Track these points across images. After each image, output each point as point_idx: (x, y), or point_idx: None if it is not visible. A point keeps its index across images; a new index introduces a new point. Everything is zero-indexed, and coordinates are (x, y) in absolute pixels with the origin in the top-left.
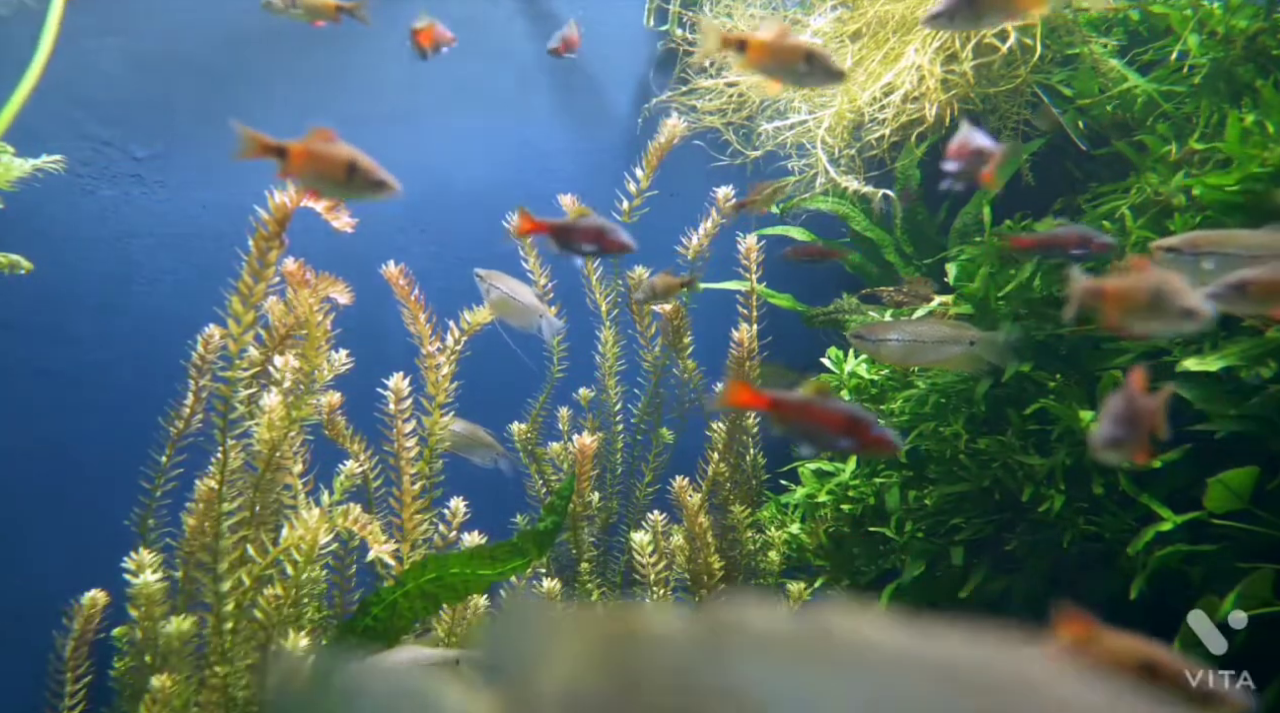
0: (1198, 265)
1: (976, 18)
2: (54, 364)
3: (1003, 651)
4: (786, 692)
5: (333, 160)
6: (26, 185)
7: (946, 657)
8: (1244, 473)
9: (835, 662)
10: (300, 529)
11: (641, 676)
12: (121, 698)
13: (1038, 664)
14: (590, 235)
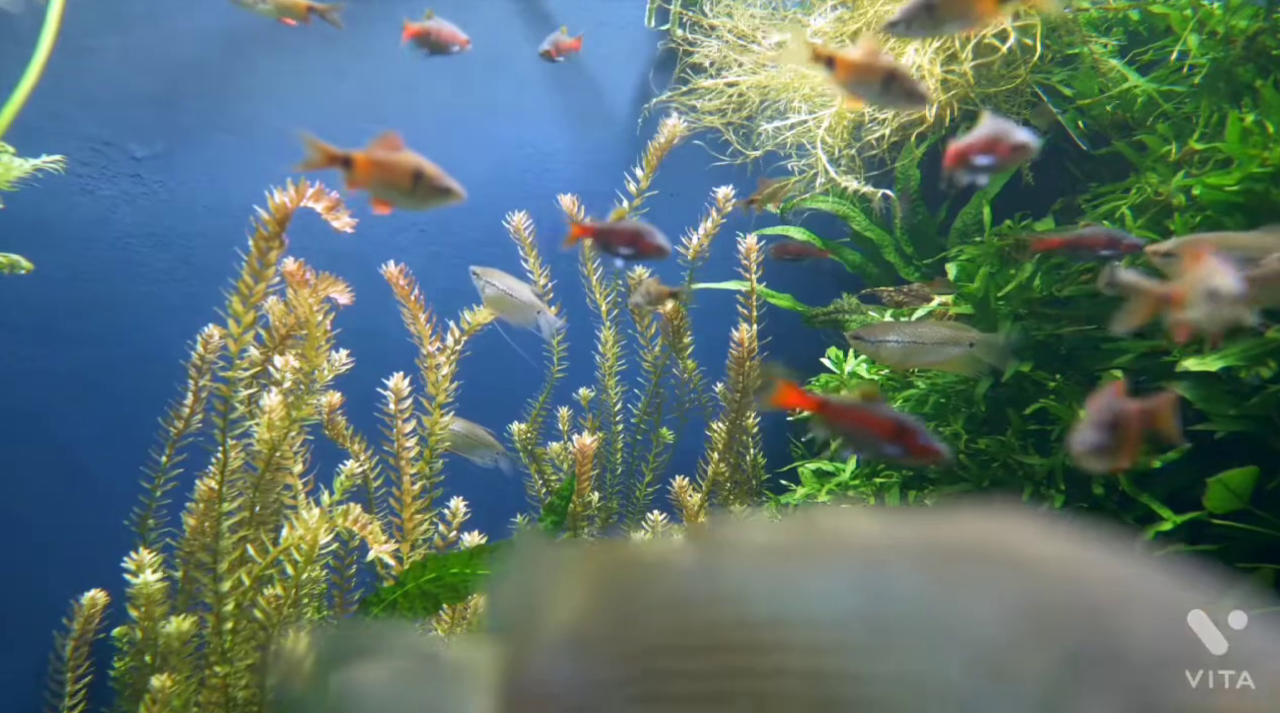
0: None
1: (935, 25)
2: (54, 364)
3: (978, 523)
4: (775, 591)
5: (399, 169)
6: (26, 185)
7: (925, 535)
8: (1244, 473)
9: (820, 555)
10: (300, 529)
11: (641, 604)
12: (121, 698)
13: (1013, 530)
14: (626, 237)
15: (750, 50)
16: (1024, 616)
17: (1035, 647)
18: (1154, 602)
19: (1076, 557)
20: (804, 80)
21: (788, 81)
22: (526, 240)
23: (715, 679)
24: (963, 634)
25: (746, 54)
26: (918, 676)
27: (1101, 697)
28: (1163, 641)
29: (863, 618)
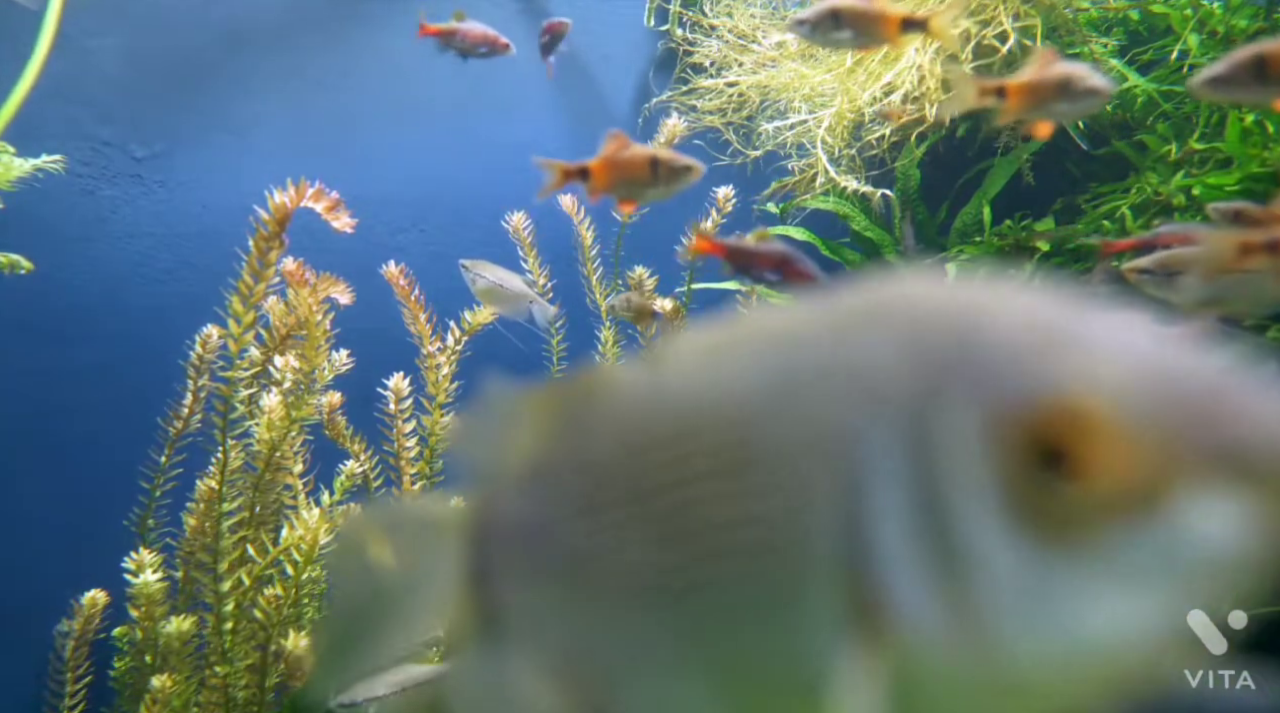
0: (1171, 283)
1: (837, 34)
2: (54, 364)
3: (878, 286)
4: (696, 388)
5: (635, 163)
6: (26, 185)
7: (829, 306)
8: None
9: (741, 346)
10: (300, 529)
11: (588, 424)
12: (121, 698)
13: (908, 286)
14: (773, 261)
15: (750, 50)
16: (899, 347)
17: (906, 372)
18: (1018, 309)
19: (958, 293)
20: (804, 80)
21: (788, 81)
22: (526, 240)
23: (646, 481)
24: (848, 377)
25: (747, 54)
26: (812, 421)
27: (961, 402)
28: (1018, 340)
29: (769, 387)
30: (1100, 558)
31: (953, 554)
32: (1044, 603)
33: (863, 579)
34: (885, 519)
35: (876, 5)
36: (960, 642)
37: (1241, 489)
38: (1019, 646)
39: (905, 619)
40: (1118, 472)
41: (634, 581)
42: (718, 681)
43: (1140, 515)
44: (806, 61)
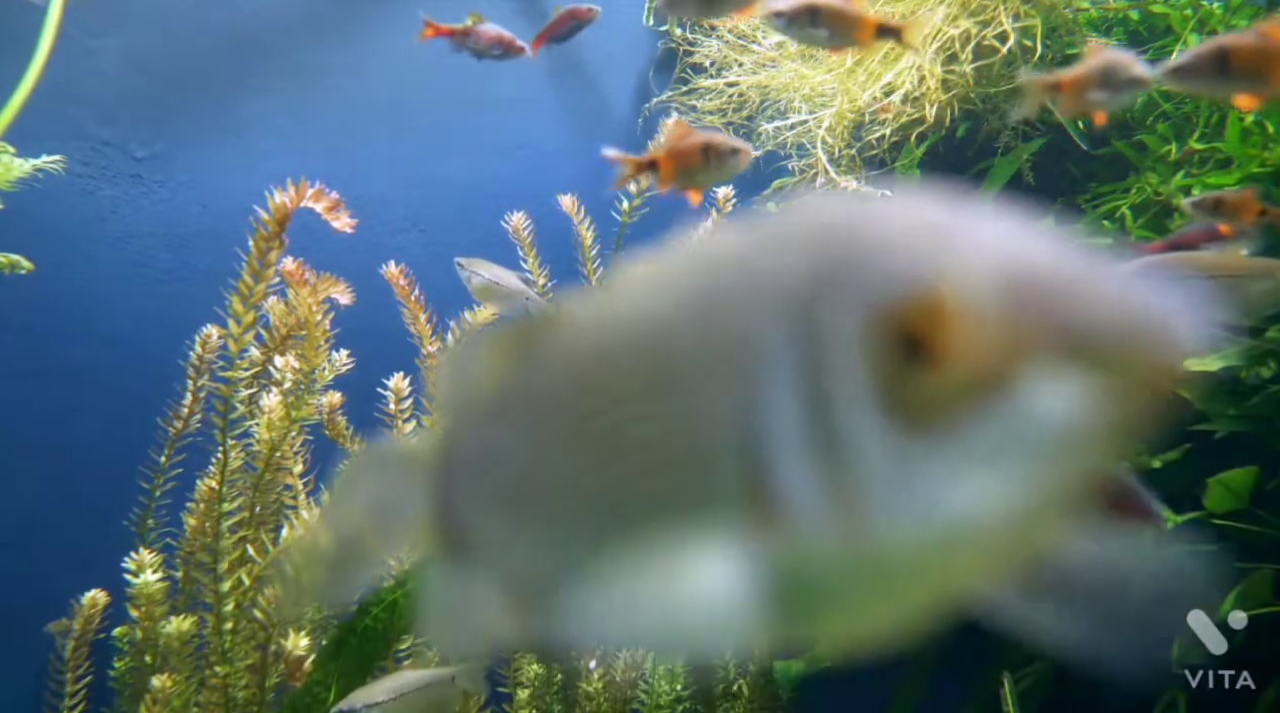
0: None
1: (812, 31)
2: (54, 364)
3: (799, 206)
4: (632, 312)
5: (690, 150)
6: (26, 185)
7: (753, 227)
8: (1244, 473)
9: (672, 271)
10: (300, 529)
11: (543, 358)
12: (121, 698)
13: (825, 202)
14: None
15: (750, 50)
16: (797, 256)
17: (801, 277)
18: (903, 213)
19: (857, 204)
20: (804, 80)
21: (788, 81)
22: (526, 240)
23: (585, 405)
24: (754, 289)
25: (747, 54)
26: (724, 333)
27: (843, 300)
28: (897, 241)
29: (688, 307)
30: (959, 442)
31: (833, 443)
32: (910, 487)
33: (757, 470)
34: (778, 413)
35: (855, 7)
36: (840, 526)
37: (1083, 369)
38: (890, 528)
39: (792, 506)
40: (970, 358)
41: (575, 501)
42: (649, 589)
43: (993, 399)
44: (806, 62)
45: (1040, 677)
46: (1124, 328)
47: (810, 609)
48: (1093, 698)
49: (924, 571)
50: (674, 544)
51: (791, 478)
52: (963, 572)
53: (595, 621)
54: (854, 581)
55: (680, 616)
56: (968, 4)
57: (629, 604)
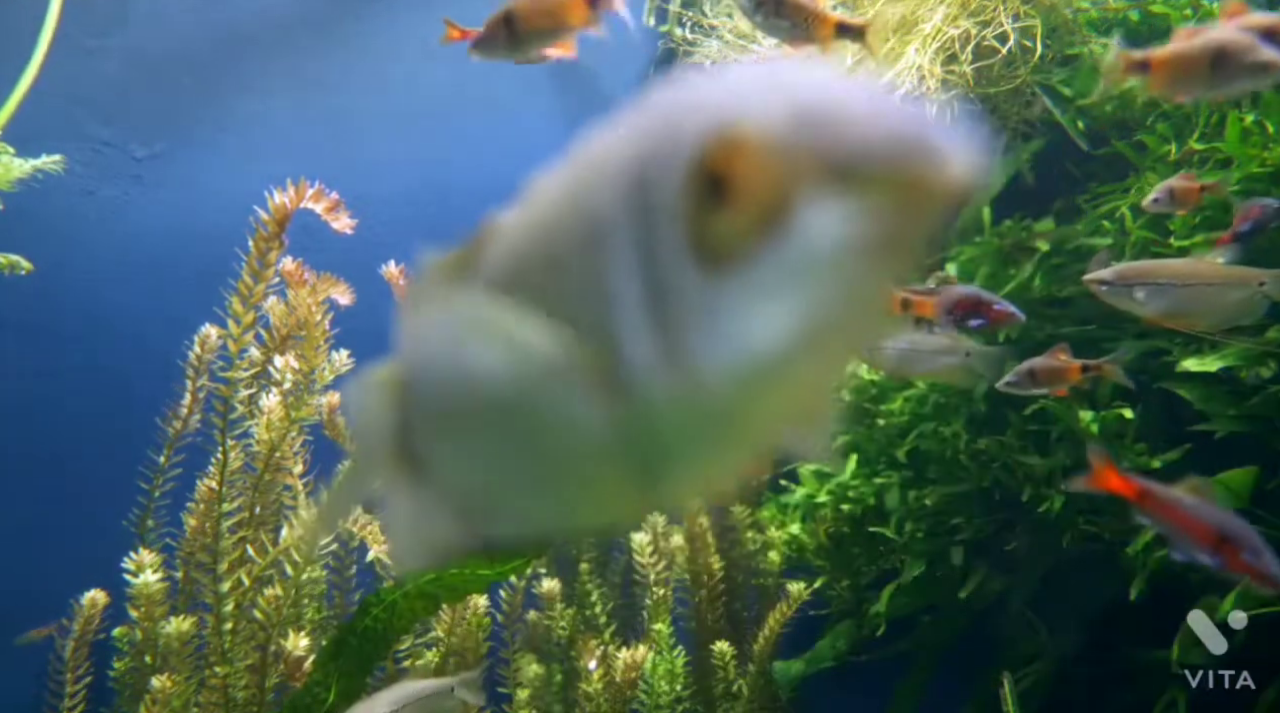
0: (1130, 296)
1: (518, 46)
2: (54, 364)
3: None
4: (530, 217)
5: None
6: (26, 185)
7: (627, 116)
8: (1244, 473)
9: (565, 172)
10: (300, 529)
11: (474, 275)
12: (121, 699)
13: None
14: (968, 305)
15: (750, 50)
16: (644, 129)
17: (642, 147)
18: (731, 72)
19: (703, 76)
20: None
21: None
22: None
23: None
24: (612, 170)
25: (747, 54)
26: (589, 218)
27: (665, 157)
28: (714, 97)
29: (563, 202)
30: (757, 274)
31: (658, 295)
32: (719, 326)
33: (606, 339)
34: (622, 280)
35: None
36: (672, 377)
37: (856, 189)
38: (708, 370)
39: (633, 367)
40: (759, 190)
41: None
42: (545, 471)
43: (781, 228)
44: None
45: (1040, 677)
46: (889, 145)
47: (665, 463)
48: (1093, 698)
49: (748, 407)
50: (562, 423)
51: (630, 335)
52: (783, 403)
53: (515, 515)
54: (698, 436)
55: (569, 489)
56: (968, 4)
57: (533, 491)
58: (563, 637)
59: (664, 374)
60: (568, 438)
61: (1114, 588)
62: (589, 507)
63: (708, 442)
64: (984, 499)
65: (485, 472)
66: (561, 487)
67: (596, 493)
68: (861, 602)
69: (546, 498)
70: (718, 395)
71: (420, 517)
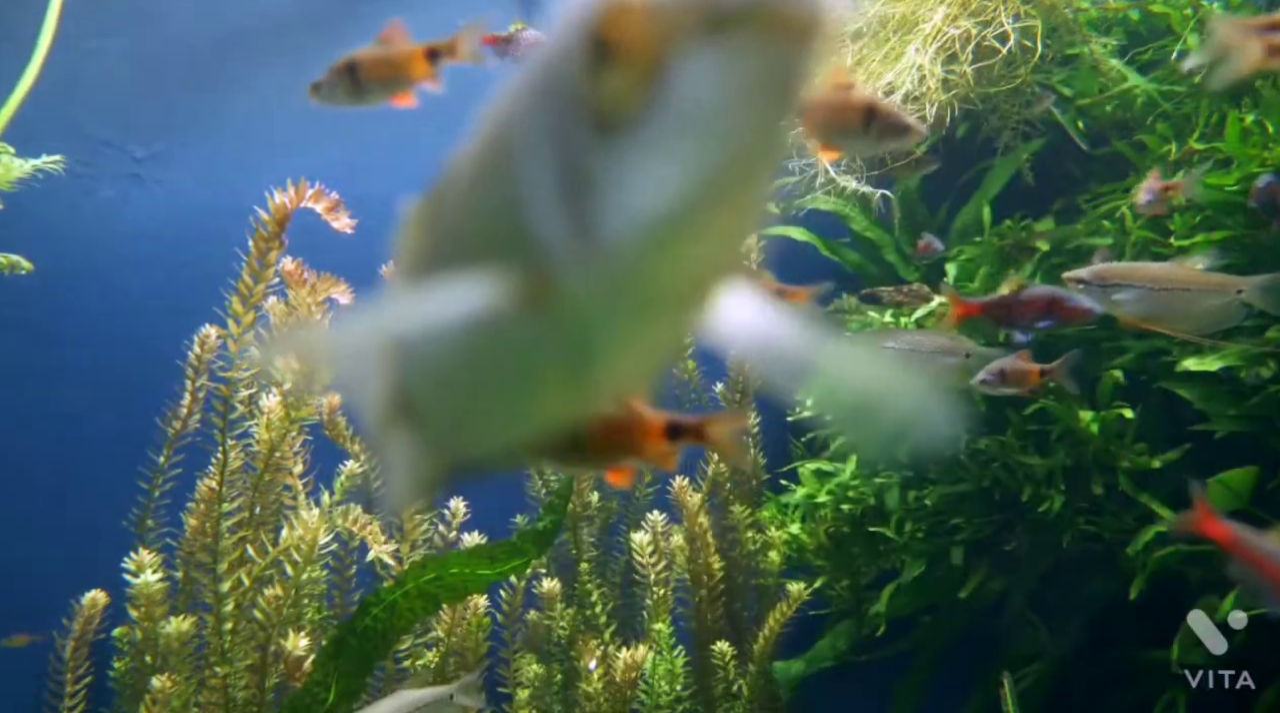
0: (1108, 297)
1: (360, 94)
2: (54, 364)
3: None
4: (475, 141)
5: (847, 108)
6: (26, 185)
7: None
8: (1244, 473)
9: (491, 110)
10: (300, 530)
11: (436, 213)
12: (121, 698)
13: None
14: (1040, 307)
15: None
16: (557, 31)
17: (550, 45)
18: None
19: None
20: None
21: None
22: None
23: (452, 235)
24: (531, 74)
25: None
26: (516, 123)
27: (568, 42)
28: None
29: (498, 119)
30: (646, 132)
31: (568, 178)
32: (622, 192)
33: (528, 239)
34: (535, 174)
35: (398, 51)
36: (586, 253)
37: (724, 36)
38: (617, 237)
39: (552, 254)
40: (638, 47)
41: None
42: (517, 398)
43: (661, 82)
44: None
45: (1040, 677)
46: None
47: (598, 346)
48: (1093, 698)
49: (660, 270)
50: (505, 344)
51: (546, 224)
52: (695, 263)
53: (485, 435)
54: (614, 303)
55: (522, 397)
56: (968, 4)
57: (495, 408)
58: (563, 637)
59: (579, 251)
60: (513, 355)
61: (1114, 588)
62: (541, 411)
63: (632, 316)
64: (984, 499)
65: (458, 402)
66: (516, 398)
67: (545, 395)
68: (861, 602)
69: (506, 412)
70: (629, 262)
71: (411, 457)
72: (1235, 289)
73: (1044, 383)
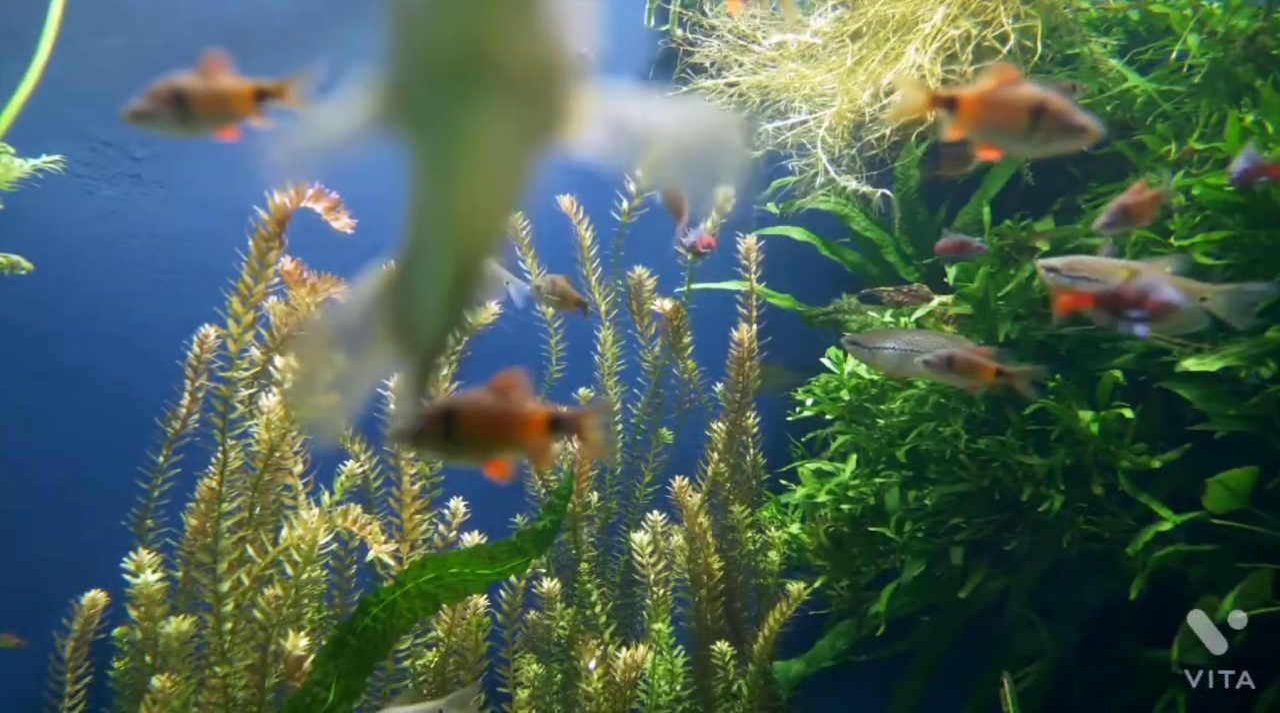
0: (1076, 289)
1: (185, 123)
2: (53, 364)
3: None
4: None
5: (1014, 105)
6: (26, 185)
7: None
8: (1244, 473)
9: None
10: (300, 529)
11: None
12: (121, 698)
13: None
14: (1134, 298)
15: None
16: None
17: None
18: None
19: None
20: (804, 80)
21: (788, 81)
22: (524, 240)
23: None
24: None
25: (747, 54)
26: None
27: None
28: None
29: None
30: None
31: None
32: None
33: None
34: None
35: (229, 86)
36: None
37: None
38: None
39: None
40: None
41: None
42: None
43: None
44: (806, 62)
45: (1040, 677)
46: None
47: (448, 152)
48: (1093, 698)
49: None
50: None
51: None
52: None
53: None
54: (429, 76)
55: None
56: (968, 4)
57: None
58: (563, 637)
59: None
60: (412, 180)
61: (1114, 588)
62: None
63: (447, 91)
64: (984, 499)
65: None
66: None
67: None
68: (861, 602)
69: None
70: (421, 24)
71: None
72: (1200, 296)
73: (998, 383)
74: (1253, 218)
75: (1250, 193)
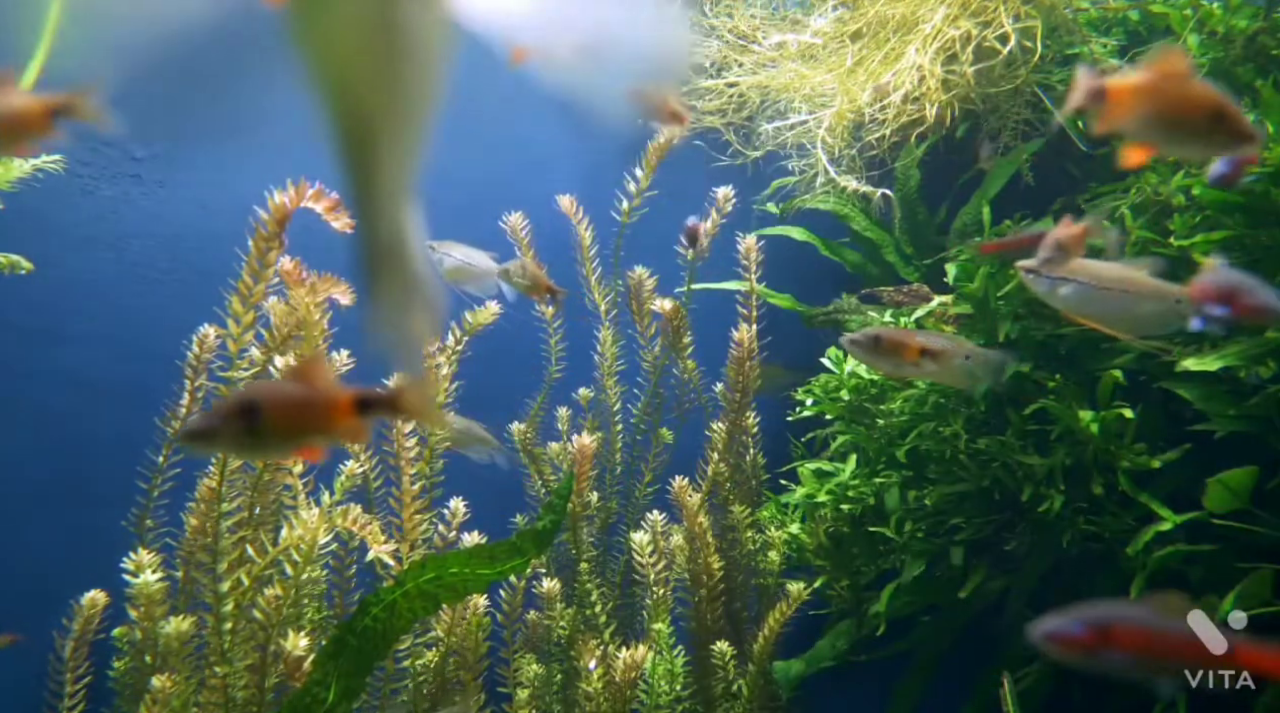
0: (1054, 289)
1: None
2: (53, 364)
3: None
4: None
5: (1182, 101)
6: (26, 185)
7: None
8: (1244, 473)
9: None
10: (300, 529)
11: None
12: (121, 698)
13: None
14: (1223, 294)
15: (750, 50)
16: None
17: None
18: None
19: None
20: (804, 80)
21: (788, 82)
22: (524, 241)
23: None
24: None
25: (746, 54)
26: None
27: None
28: None
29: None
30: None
31: None
32: None
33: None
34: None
35: (20, 103)
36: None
37: None
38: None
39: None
40: None
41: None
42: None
43: None
44: (807, 62)
45: (1040, 677)
46: None
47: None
48: (1093, 698)
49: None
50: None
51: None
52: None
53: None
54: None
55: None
56: (968, 4)
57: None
58: (563, 637)
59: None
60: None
61: (1114, 587)
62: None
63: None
64: (984, 499)
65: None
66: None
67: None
68: (861, 602)
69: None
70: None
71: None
72: (1174, 298)
73: (921, 369)
74: (1253, 218)
75: (1250, 193)
